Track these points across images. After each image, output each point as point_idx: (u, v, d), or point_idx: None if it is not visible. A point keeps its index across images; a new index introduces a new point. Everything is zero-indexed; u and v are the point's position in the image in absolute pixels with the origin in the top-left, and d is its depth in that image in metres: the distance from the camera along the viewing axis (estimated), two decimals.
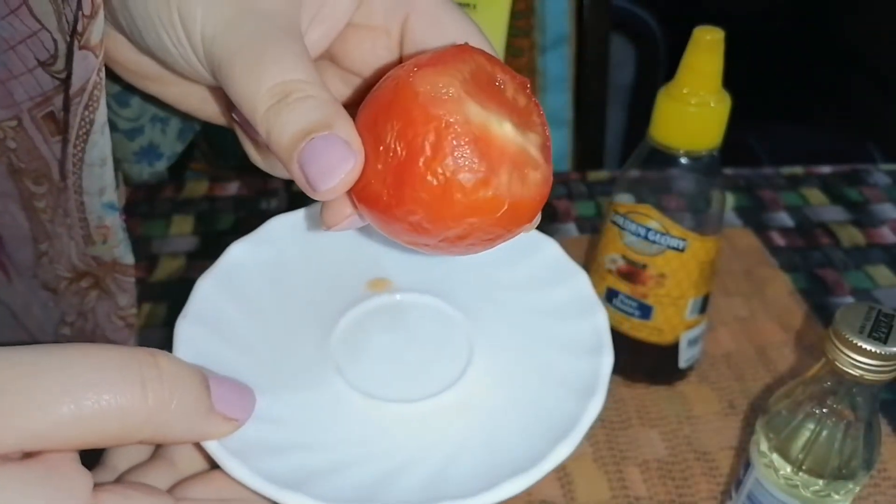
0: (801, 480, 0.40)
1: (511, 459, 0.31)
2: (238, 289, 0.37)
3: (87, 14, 0.33)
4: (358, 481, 0.30)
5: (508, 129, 0.29)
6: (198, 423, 0.28)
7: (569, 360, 0.36)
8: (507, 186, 0.28)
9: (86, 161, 0.38)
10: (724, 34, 0.46)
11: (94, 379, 0.25)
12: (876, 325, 0.36)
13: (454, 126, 0.27)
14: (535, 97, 0.31)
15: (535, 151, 0.30)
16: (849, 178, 0.86)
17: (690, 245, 0.51)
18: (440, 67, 0.28)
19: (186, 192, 0.80)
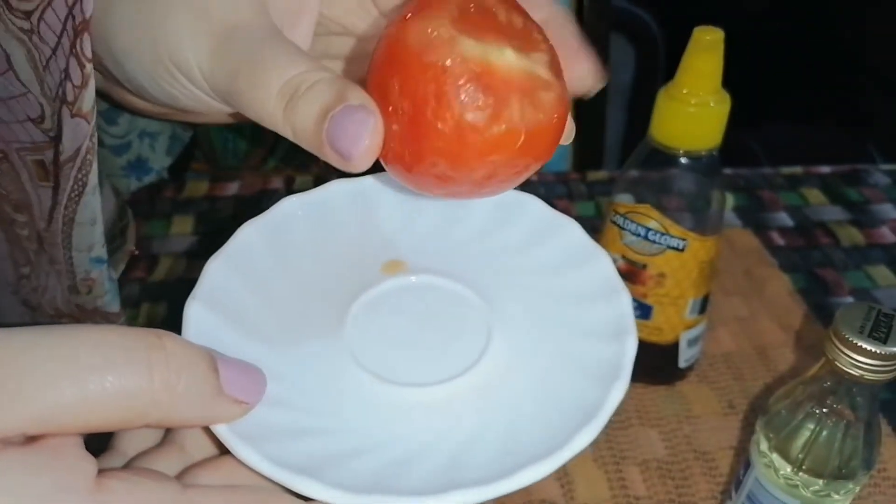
0: (801, 480, 0.40)
1: (530, 446, 0.30)
2: (249, 271, 0.36)
3: (77, 85, 0.34)
4: (372, 467, 0.29)
5: (510, 55, 0.28)
6: (206, 406, 0.27)
7: (591, 344, 0.34)
8: (520, 116, 0.28)
9: (77, 220, 0.39)
10: (723, 34, 0.46)
11: (97, 360, 0.24)
12: (876, 325, 0.36)
13: (452, 69, 0.27)
14: None
15: (544, 70, 0.29)
16: (848, 178, 0.86)
17: (690, 245, 0.51)
18: (426, 12, 0.28)
19: (187, 192, 0.80)
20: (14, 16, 0.35)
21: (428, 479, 0.29)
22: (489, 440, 0.31)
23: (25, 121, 0.38)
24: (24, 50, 0.36)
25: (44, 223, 0.41)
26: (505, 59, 0.28)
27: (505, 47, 0.28)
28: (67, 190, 0.38)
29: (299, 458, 0.28)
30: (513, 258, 0.37)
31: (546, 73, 0.29)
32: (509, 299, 0.36)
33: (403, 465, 0.29)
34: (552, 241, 0.38)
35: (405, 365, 0.34)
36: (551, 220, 0.39)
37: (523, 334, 0.36)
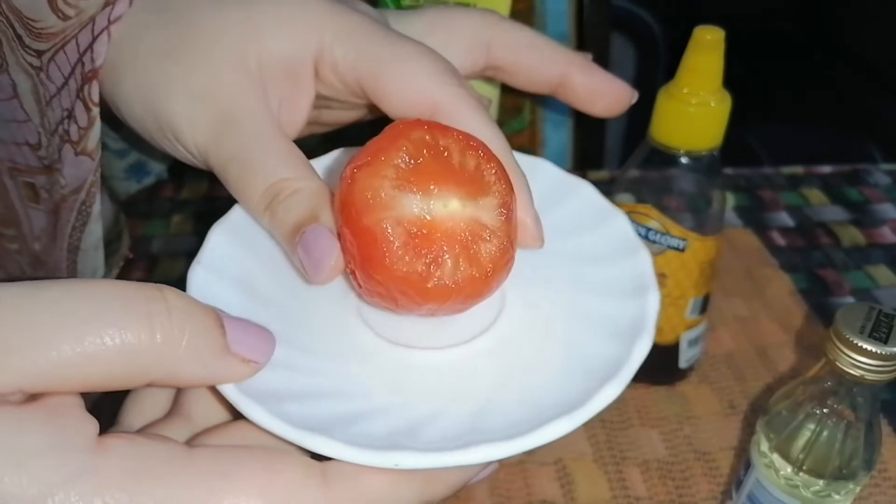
0: (802, 481, 0.40)
1: (554, 402, 0.29)
2: (253, 238, 0.36)
3: (83, 126, 0.36)
4: (388, 427, 0.28)
5: (455, 206, 0.30)
6: (212, 364, 0.26)
7: (611, 302, 0.34)
8: (452, 273, 0.29)
9: (82, 247, 0.41)
10: (724, 34, 0.46)
11: (96, 313, 0.23)
12: (876, 325, 0.36)
13: (387, 234, 0.29)
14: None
15: (490, 217, 0.30)
16: (849, 178, 0.86)
17: (691, 245, 0.51)
18: (374, 167, 0.29)
19: (186, 192, 0.80)
20: (26, 52, 0.37)
21: (447, 437, 0.28)
22: (510, 399, 0.30)
23: (23, 145, 0.40)
24: (30, 83, 0.38)
25: (39, 245, 0.42)
26: (448, 211, 0.29)
27: (451, 198, 0.30)
28: (71, 220, 0.39)
29: (312, 417, 0.28)
30: None
31: (492, 218, 0.30)
32: (525, 261, 0.34)
33: (421, 425, 0.29)
34: (567, 202, 0.39)
35: (418, 329, 0.34)
36: (565, 181, 0.40)
37: (541, 295, 0.35)
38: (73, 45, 0.36)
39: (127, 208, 0.77)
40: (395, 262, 0.29)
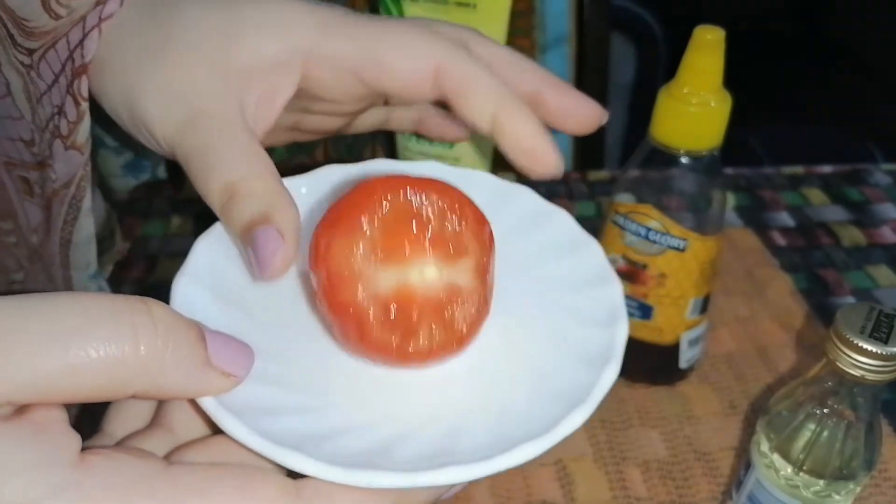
0: (802, 481, 0.40)
1: (523, 426, 0.30)
2: (237, 250, 0.36)
3: (72, 121, 0.37)
4: (364, 444, 0.29)
5: (431, 273, 0.30)
6: (193, 377, 0.27)
7: (583, 329, 0.35)
8: (429, 338, 0.31)
9: (73, 241, 0.42)
10: (724, 34, 0.46)
11: (82, 325, 0.24)
12: (877, 325, 0.36)
13: (364, 312, 0.30)
14: None
15: (466, 279, 0.31)
16: (850, 178, 0.86)
17: (691, 245, 0.51)
18: (348, 236, 0.30)
19: (185, 192, 0.80)
20: (17, 50, 0.38)
21: (420, 457, 0.29)
22: (481, 421, 0.31)
23: (17, 140, 0.41)
24: (21, 82, 0.39)
25: (37, 238, 0.43)
26: (424, 280, 0.30)
27: (427, 265, 0.30)
28: (63, 214, 0.40)
29: (289, 434, 0.28)
30: (505, 245, 0.36)
31: (468, 280, 0.31)
32: (501, 286, 0.35)
33: (396, 443, 0.29)
34: (545, 229, 0.39)
35: None
36: (543, 209, 0.40)
37: (516, 319, 0.36)
38: (63, 42, 0.36)
39: (126, 208, 0.77)
40: (373, 337, 0.30)
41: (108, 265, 0.52)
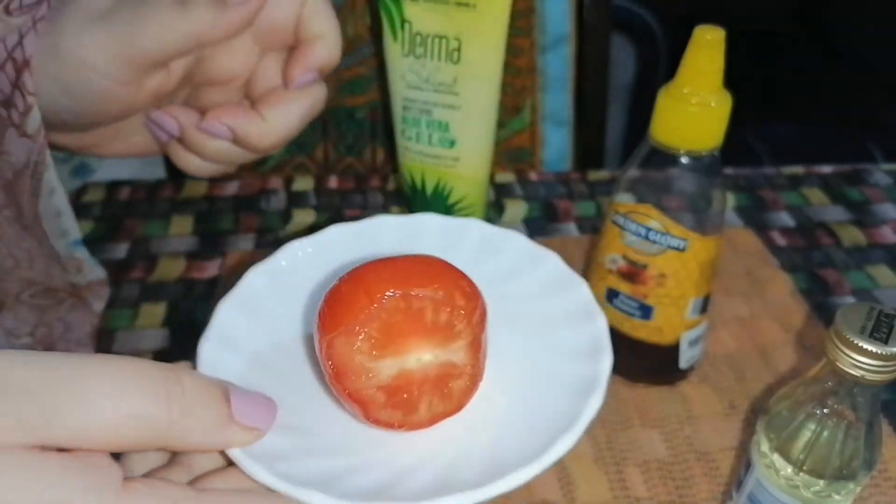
0: (802, 481, 0.40)
1: (516, 454, 0.32)
2: (256, 311, 0.39)
3: (21, 112, 0.41)
4: (374, 480, 0.32)
5: (427, 357, 0.34)
6: (219, 434, 0.30)
7: (569, 363, 0.37)
8: (428, 410, 0.34)
9: (42, 215, 0.46)
10: (724, 33, 0.46)
11: (120, 391, 0.27)
12: (877, 325, 0.36)
13: (369, 400, 0.33)
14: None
15: (461, 356, 0.35)
16: (850, 178, 0.86)
17: (691, 245, 0.51)
18: (349, 337, 0.32)
19: (186, 193, 0.81)
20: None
21: (425, 487, 0.31)
22: (478, 451, 0.34)
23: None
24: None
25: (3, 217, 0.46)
26: (422, 363, 0.34)
27: (423, 352, 0.34)
28: (27, 192, 0.44)
29: (306, 474, 0.31)
30: (498, 287, 0.39)
31: (462, 356, 0.35)
32: (495, 324, 0.37)
33: (401, 478, 0.32)
34: (535, 270, 0.41)
35: None
36: (534, 253, 0.41)
37: (507, 357, 0.38)
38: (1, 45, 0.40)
39: (127, 208, 0.78)
40: (377, 417, 0.34)
41: None
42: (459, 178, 0.64)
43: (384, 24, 0.60)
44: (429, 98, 0.61)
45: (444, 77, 0.59)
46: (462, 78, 0.59)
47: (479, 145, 0.63)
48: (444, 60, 0.59)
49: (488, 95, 0.62)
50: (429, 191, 0.65)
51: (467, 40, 0.58)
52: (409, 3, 0.57)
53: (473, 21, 0.57)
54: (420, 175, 0.65)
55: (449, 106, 0.61)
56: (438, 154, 0.63)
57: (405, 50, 0.60)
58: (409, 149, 0.64)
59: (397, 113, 0.64)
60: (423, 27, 0.58)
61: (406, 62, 0.60)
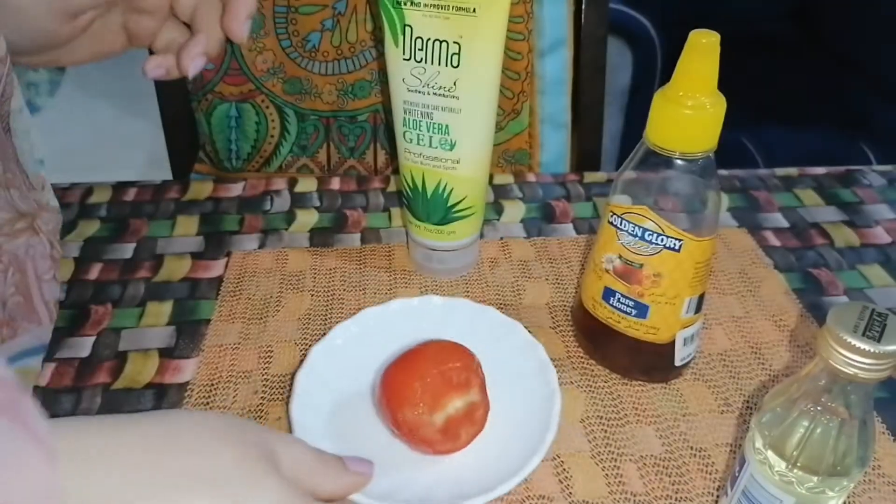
0: (796, 477, 0.40)
1: (500, 472, 0.50)
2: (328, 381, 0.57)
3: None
4: (417, 492, 0.50)
5: (459, 404, 0.51)
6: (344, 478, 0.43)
7: (531, 405, 0.55)
8: (466, 436, 0.52)
9: (14, 130, 0.52)
10: (719, 37, 0.47)
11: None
12: (870, 324, 0.36)
13: (429, 436, 0.51)
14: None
15: (477, 395, 0.52)
16: (843, 179, 0.86)
17: (686, 245, 0.52)
18: (411, 406, 0.50)
19: (191, 194, 0.81)
20: None
21: (449, 496, 0.49)
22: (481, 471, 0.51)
23: None
24: None
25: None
26: (457, 407, 0.51)
27: (456, 401, 0.51)
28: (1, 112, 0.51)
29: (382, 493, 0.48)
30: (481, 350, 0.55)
31: (478, 395, 0.52)
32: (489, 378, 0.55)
33: (433, 490, 0.51)
34: (506, 338, 0.60)
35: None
36: (504, 322, 0.60)
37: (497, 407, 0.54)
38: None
39: (132, 209, 0.78)
40: (437, 448, 0.52)
41: None
42: (459, 180, 0.65)
43: (385, 29, 0.61)
44: (429, 101, 0.62)
45: (444, 81, 0.60)
46: (462, 81, 0.60)
47: (479, 148, 0.64)
48: (444, 64, 0.59)
49: (487, 99, 0.62)
50: (429, 192, 0.66)
51: (467, 45, 0.58)
52: (410, 8, 0.58)
53: (473, 26, 0.58)
54: (420, 177, 0.65)
55: (449, 109, 0.61)
56: (439, 156, 0.64)
57: (406, 54, 0.60)
58: (409, 151, 0.65)
59: (398, 116, 0.64)
60: (423, 32, 0.59)
61: (407, 66, 0.61)
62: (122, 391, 0.58)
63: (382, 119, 0.90)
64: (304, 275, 0.70)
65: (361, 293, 0.69)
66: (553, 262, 0.73)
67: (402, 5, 0.59)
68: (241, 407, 0.57)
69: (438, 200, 0.66)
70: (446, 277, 0.70)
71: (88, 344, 0.62)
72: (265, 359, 0.62)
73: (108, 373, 0.60)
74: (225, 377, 0.60)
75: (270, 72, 0.87)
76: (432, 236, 0.69)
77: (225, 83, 0.88)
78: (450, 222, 0.67)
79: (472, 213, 0.67)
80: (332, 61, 0.87)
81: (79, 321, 0.65)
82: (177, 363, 0.61)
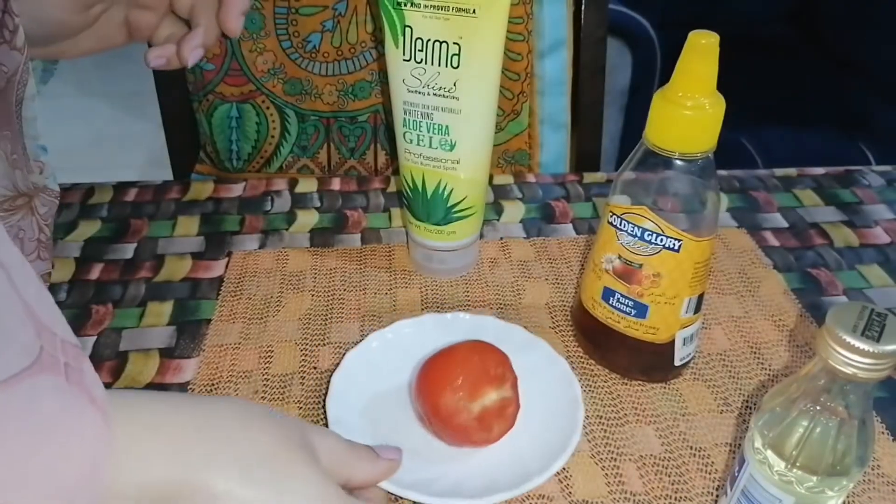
0: (796, 477, 0.40)
1: (527, 471, 0.51)
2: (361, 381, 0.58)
3: (11, 30, 0.49)
4: (448, 485, 0.51)
5: (493, 395, 0.52)
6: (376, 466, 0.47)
7: (556, 414, 0.55)
8: (498, 429, 0.53)
9: (24, 117, 0.54)
10: (718, 38, 0.47)
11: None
12: (869, 324, 0.36)
13: (468, 426, 0.51)
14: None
15: (509, 391, 0.53)
16: (842, 180, 0.87)
17: (685, 245, 0.52)
18: (451, 391, 0.51)
19: (192, 194, 0.81)
20: None
21: (482, 487, 0.51)
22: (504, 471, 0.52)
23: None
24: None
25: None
26: (492, 399, 0.52)
27: (491, 393, 0.52)
28: (14, 95, 0.52)
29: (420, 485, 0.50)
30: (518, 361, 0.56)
31: (510, 392, 0.53)
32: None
33: (464, 482, 0.52)
34: (530, 352, 0.59)
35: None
36: (531, 341, 0.61)
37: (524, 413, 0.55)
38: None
39: (134, 210, 0.78)
40: (472, 439, 0.52)
41: None
42: (459, 181, 0.65)
43: (385, 29, 0.61)
44: (429, 102, 0.62)
45: (444, 82, 0.61)
46: (462, 82, 0.60)
47: (479, 148, 0.64)
48: (444, 65, 0.60)
49: (487, 100, 0.63)
50: (429, 192, 0.66)
51: (467, 45, 0.59)
52: (411, 9, 0.58)
53: (473, 27, 0.58)
54: (420, 177, 0.66)
55: (449, 110, 0.62)
56: (438, 157, 0.64)
57: (406, 55, 0.61)
58: (409, 151, 0.65)
59: (398, 117, 0.64)
60: (423, 32, 0.59)
61: (407, 67, 0.61)
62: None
63: (382, 120, 0.91)
64: (304, 275, 0.71)
65: (362, 293, 0.69)
66: (552, 263, 0.73)
67: (402, 6, 0.59)
68: None
69: (438, 200, 0.66)
70: (446, 277, 0.70)
71: (89, 344, 0.63)
72: (266, 359, 0.62)
73: (109, 373, 0.60)
74: (225, 377, 0.60)
75: (271, 72, 0.87)
76: (432, 236, 0.69)
77: (225, 84, 0.88)
78: (450, 222, 0.67)
79: (473, 214, 0.68)
80: (332, 62, 0.87)
81: (80, 321, 0.65)
82: (177, 363, 0.61)
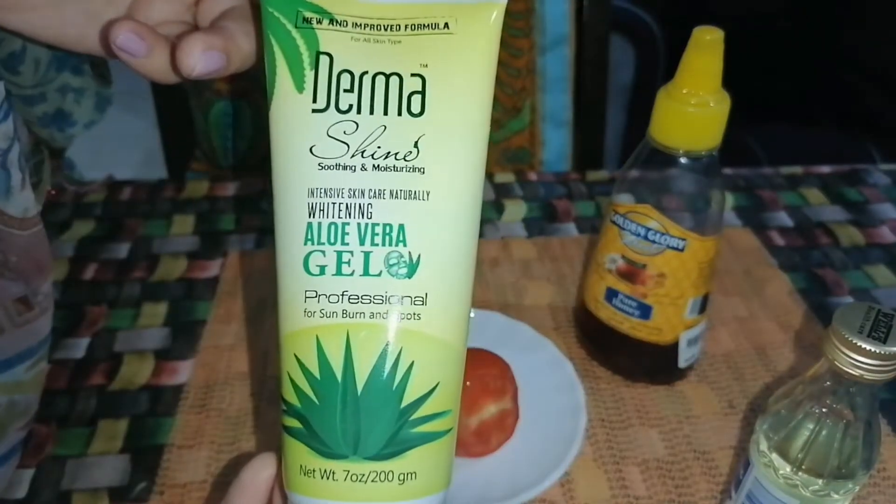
0: (801, 480, 0.40)
1: (529, 479, 0.51)
2: None
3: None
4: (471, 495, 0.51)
5: (492, 408, 0.52)
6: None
7: (558, 419, 0.55)
8: (496, 441, 0.54)
9: None
10: (723, 34, 0.46)
11: None
12: (875, 324, 0.36)
13: (463, 438, 0.51)
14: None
15: (509, 403, 0.53)
16: (848, 178, 0.86)
17: (690, 245, 0.52)
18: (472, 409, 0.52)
19: (187, 193, 0.81)
20: None
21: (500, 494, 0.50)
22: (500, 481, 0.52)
23: None
24: None
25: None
26: (489, 413, 0.52)
27: (491, 406, 0.52)
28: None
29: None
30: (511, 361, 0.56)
31: (510, 403, 0.54)
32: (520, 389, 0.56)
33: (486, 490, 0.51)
34: (535, 353, 0.60)
35: None
36: (537, 339, 0.62)
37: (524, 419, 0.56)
38: None
39: (128, 208, 0.78)
40: (471, 451, 0.53)
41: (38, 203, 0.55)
42: (425, 344, 0.32)
43: (274, 66, 0.32)
44: (366, 184, 0.31)
45: (395, 143, 0.32)
46: (429, 140, 0.32)
47: (460, 269, 0.33)
48: (394, 114, 0.32)
49: (474, 165, 0.33)
50: (360, 379, 0.31)
51: (436, 78, 0.32)
52: (327, 27, 0.32)
53: (445, 48, 0.33)
54: (341, 349, 0.32)
55: (406, 194, 0.32)
56: (384, 293, 0.32)
57: (319, 102, 0.32)
58: (315, 295, 0.32)
59: (292, 225, 0.32)
60: (353, 63, 0.32)
61: (320, 123, 0.32)
62: (118, 393, 0.58)
63: None
64: None
65: None
66: (555, 262, 0.72)
67: (310, 24, 0.32)
68: (237, 409, 0.57)
69: (381, 395, 0.32)
70: None
71: (83, 345, 0.62)
72: (262, 360, 0.61)
73: (104, 374, 0.59)
74: (221, 379, 0.59)
75: None
76: (358, 494, 0.33)
77: (221, 80, 0.88)
78: (402, 450, 0.33)
79: (446, 429, 0.35)
80: None
81: (74, 322, 0.64)
82: (173, 365, 0.60)
